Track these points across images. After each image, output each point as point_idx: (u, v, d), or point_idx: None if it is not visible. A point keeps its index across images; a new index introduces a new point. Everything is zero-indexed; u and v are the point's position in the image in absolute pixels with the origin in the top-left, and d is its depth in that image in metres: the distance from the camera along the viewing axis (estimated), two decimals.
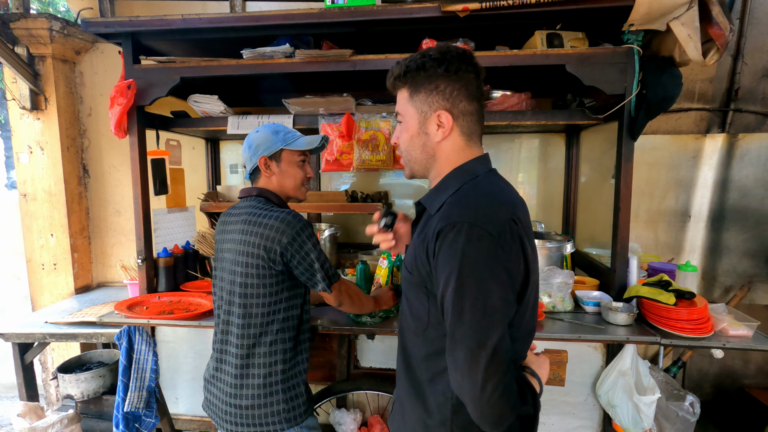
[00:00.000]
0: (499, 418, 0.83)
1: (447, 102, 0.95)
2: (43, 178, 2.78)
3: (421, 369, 0.99)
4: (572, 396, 1.92)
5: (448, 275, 0.84)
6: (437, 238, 0.87)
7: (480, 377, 0.80)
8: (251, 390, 1.37)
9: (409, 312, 1.03)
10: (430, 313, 0.95)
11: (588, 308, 1.84)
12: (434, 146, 0.99)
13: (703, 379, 2.84)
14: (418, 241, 0.96)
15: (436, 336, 0.95)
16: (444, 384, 0.94)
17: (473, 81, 0.96)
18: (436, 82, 0.95)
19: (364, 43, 1.99)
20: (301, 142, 1.49)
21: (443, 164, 1.00)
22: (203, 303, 1.98)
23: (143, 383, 1.98)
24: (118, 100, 1.90)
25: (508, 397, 0.82)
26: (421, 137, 1.00)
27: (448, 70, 0.94)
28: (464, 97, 0.96)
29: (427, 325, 0.96)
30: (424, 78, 0.95)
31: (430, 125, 0.98)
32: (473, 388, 0.81)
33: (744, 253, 2.66)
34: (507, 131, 2.71)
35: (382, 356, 2.10)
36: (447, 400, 0.95)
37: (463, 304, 0.82)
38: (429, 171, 1.03)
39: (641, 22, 1.66)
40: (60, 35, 2.61)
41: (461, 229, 0.83)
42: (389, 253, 1.99)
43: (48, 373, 2.99)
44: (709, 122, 2.66)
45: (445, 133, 0.97)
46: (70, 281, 2.86)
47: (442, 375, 0.94)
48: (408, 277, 1.00)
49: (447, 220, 0.86)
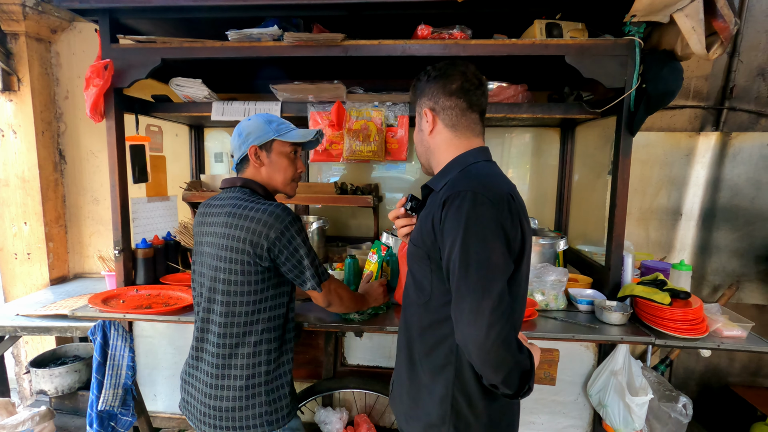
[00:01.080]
0: (501, 363, 0.92)
1: (430, 101, 1.14)
2: (16, 163, 2.64)
3: (422, 341, 1.10)
4: (563, 395, 1.89)
5: (454, 237, 0.94)
6: (443, 207, 0.98)
7: (485, 323, 0.89)
8: (232, 391, 1.29)
9: (413, 286, 1.13)
10: (432, 283, 1.06)
11: (581, 307, 1.81)
12: (428, 140, 1.17)
13: (689, 377, 2.85)
14: (425, 214, 1.09)
15: (437, 305, 1.06)
16: (446, 349, 1.05)
17: (455, 80, 1.11)
18: (423, 88, 1.16)
19: (357, 27, 1.90)
20: (294, 134, 1.42)
21: (438, 155, 1.16)
22: (183, 297, 1.90)
23: (119, 380, 1.89)
24: (93, 81, 1.79)
25: (508, 344, 0.92)
26: (419, 134, 1.20)
27: (430, 76, 1.14)
28: (442, 93, 1.11)
29: (430, 295, 1.07)
30: (419, 87, 1.18)
31: (422, 122, 1.17)
32: (478, 333, 0.90)
33: (733, 252, 2.66)
34: (501, 124, 2.65)
35: (370, 353, 2.04)
36: (449, 364, 1.05)
37: (468, 260, 0.92)
38: (431, 163, 1.20)
39: (644, 13, 1.61)
40: (34, 12, 2.47)
41: (465, 196, 0.95)
42: (379, 248, 1.92)
43: (21, 367, 2.87)
44: (704, 120, 2.64)
45: (430, 125, 1.14)
46: (45, 272, 2.74)
47: (444, 342, 1.06)
48: (414, 251, 1.10)
49: (452, 190, 0.98)
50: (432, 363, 1.08)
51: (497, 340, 0.89)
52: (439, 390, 1.07)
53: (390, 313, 1.76)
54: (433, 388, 1.08)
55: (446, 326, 1.04)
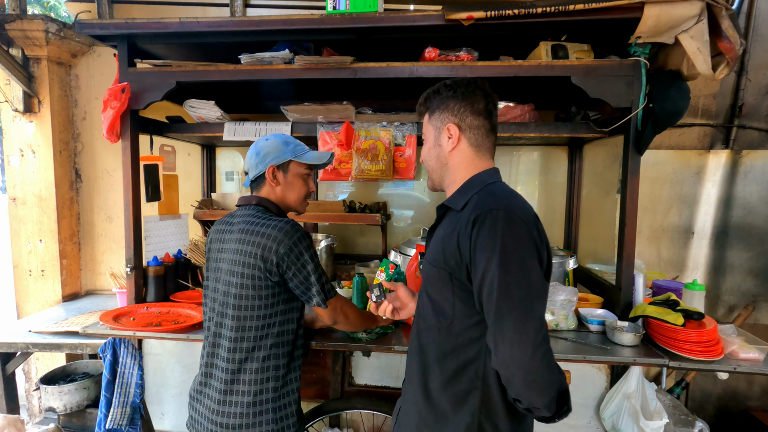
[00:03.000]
0: (547, 385, 0.90)
1: (455, 117, 1.11)
2: (34, 182, 2.72)
3: (443, 367, 1.05)
4: (575, 419, 1.85)
5: (489, 257, 0.92)
6: (473, 225, 0.96)
7: (530, 345, 0.87)
8: (239, 408, 1.29)
9: (431, 310, 1.09)
10: (455, 306, 1.02)
11: (592, 327, 1.78)
12: (446, 156, 1.14)
13: (706, 400, 2.76)
14: (446, 233, 1.05)
15: (460, 329, 1.02)
16: (472, 374, 1.01)
17: (480, 100, 1.10)
18: (446, 103, 1.12)
19: (366, 50, 1.95)
20: (310, 156, 1.47)
21: (455, 173, 1.14)
22: (193, 315, 1.91)
23: (127, 399, 1.89)
24: (111, 103, 1.85)
25: (552, 366, 0.90)
26: (436, 149, 1.16)
27: (456, 92, 1.11)
28: (470, 112, 1.10)
29: (452, 318, 1.03)
30: (438, 101, 1.14)
31: (442, 137, 1.13)
32: (523, 356, 0.87)
33: (748, 271, 2.61)
34: (508, 143, 2.67)
35: (377, 374, 2.02)
36: (475, 390, 1.01)
37: (508, 280, 0.90)
38: (444, 179, 1.17)
39: (649, 34, 1.63)
40: (56, 37, 2.57)
41: (498, 215, 0.94)
42: (387, 266, 1.92)
43: (31, 384, 2.89)
44: (713, 138, 2.63)
45: (453, 143, 1.11)
46: (58, 288, 2.78)
47: (468, 367, 1.02)
48: (433, 273, 1.07)
49: (482, 209, 0.97)
50: (454, 390, 1.03)
51: (543, 360, 0.88)
52: (463, 418, 1.01)
53: (398, 333, 1.75)
54: (455, 417, 1.03)
55: (471, 350, 1.01)
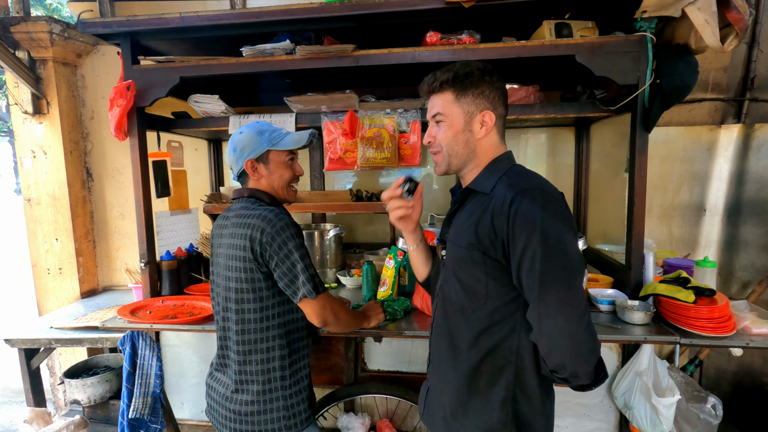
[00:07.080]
0: (590, 352, 0.94)
1: (490, 104, 1.12)
2: (47, 183, 2.77)
3: (477, 347, 1.07)
4: (587, 398, 1.86)
5: (530, 234, 0.95)
6: (511, 204, 0.98)
7: (575, 314, 0.92)
8: (249, 396, 1.32)
9: (461, 291, 1.10)
10: (487, 285, 1.05)
11: (602, 307, 1.78)
12: (476, 142, 1.14)
13: (721, 377, 2.75)
14: (477, 215, 1.07)
15: (494, 307, 1.05)
16: (506, 349, 1.05)
17: (505, 90, 1.15)
18: (481, 88, 1.11)
19: (367, 37, 1.94)
20: (287, 141, 1.39)
21: (482, 158, 1.15)
22: (207, 306, 1.95)
23: (148, 389, 1.95)
24: (117, 101, 1.87)
25: (594, 334, 0.95)
26: (465, 134, 1.13)
27: (492, 78, 1.11)
28: (501, 102, 1.14)
29: (485, 298, 1.06)
30: (470, 84, 1.11)
31: (474, 124, 1.12)
32: (568, 324, 0.92)
33: (762, 247, 2.57)
34: (515, 126, 2.64)
35: (390, 359, 2.05)
36: (509, 365, 1.05)
37: (551, 254, 0.94)
38: (466, 164, 1.16)
39: (654, 8, 1.59)
40: (60, 38, 2.59)
41: (535, 194, 0.97)
42: (395, 253, 1.94)
43: (56, 378, 2.99)
44: (724, 113, 2.58)
45: (487, 130, 1.12)
46: (76, 285, 2.85)
47: (503, 343, 1.05)
48: (464, 255, 1.08)
49: (517, 188, 1.00)
50: (489, 367, 1.07)
51: (588, 328, 0.93)
52: (499, 393, 1.06)
53: (408, 318, 1.77)
54: (490, 393, 1.07)
55: (505, 326, 1.05)
